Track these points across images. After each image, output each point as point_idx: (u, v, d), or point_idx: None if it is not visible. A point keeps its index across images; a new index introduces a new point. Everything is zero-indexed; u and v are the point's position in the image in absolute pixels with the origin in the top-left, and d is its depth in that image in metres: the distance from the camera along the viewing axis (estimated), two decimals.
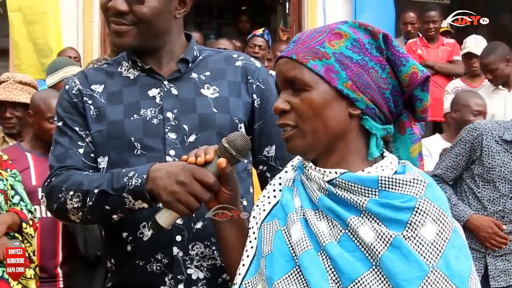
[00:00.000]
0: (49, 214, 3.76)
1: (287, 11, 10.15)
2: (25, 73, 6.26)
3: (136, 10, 2.09)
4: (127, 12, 2.09)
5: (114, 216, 1.98)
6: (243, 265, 1.74)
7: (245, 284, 1.70)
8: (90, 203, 1.97)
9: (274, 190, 1.81)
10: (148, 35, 2.13)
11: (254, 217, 1.80)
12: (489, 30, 8.16)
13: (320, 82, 1.63)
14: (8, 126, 4.63)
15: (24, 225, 3.55)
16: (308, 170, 1.69)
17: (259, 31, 7.12)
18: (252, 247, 1.75)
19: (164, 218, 1.83)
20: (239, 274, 1.73)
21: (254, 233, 1.77)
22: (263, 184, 2.28)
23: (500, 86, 5.95)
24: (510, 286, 4.17)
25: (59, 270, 4.02)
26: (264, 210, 1.78)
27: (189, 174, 1.80)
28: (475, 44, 6.43)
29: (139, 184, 1.88)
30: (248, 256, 1.75)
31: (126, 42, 2.13)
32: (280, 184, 1.81)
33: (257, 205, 1.82)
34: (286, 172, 1.82)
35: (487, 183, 4.11)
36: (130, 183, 1.90)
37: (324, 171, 1.65)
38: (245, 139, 1.81)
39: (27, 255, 3.54)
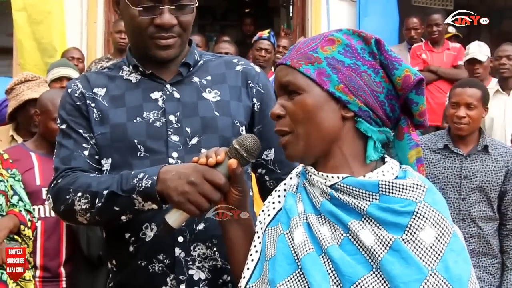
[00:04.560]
0: (52, 214, 3.80)
1: (290, 14, 10.16)
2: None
3: (183, 20, 2.12)
4: (176, 24, 2.12)
5: (123, 217, 2.00)
6: (248, 268, 1.76)
7: (249, 287, 1.72)
8: (99, 204, 1.98)
9: (279, 196, 1.84)
10: (186, 42, 2.19)
11: (259, 221, 1.82)
12: (492, 37, 8.17)
13: (312, 85, 1.67)
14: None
15: (22, 227, 3.56)
16: (310, 175, 1.71)
17: (265, 33, 7.06)
18: (256, 251, 1.77)
19: (174, 218, 1.84)
20: (244, 277, 1.75)
21: (258, 237, 1.79)
22: (262, 187, 2.31)
23: (500, 90, 5.97)
24: None
25: (62, 270, 4.01)
26: (268, 215, 1.80)
27: (200, 175, 1.81)
28: (479, 50, 6.41)
29: (149, 186, 1.89)
30: (252, 260, 1.77)
31: (172, 53, 2.16)
32: (284, 190, 1.83)
33: (262, 210, 1.84)
34: (290, 178, 1.85)
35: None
36: (140, 185, 1.91)
37: (327, 176, 1.67)
38: (255, 141, 1.84)
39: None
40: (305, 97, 1.67)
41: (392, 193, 1.61)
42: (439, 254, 1.55)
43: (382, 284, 1.54)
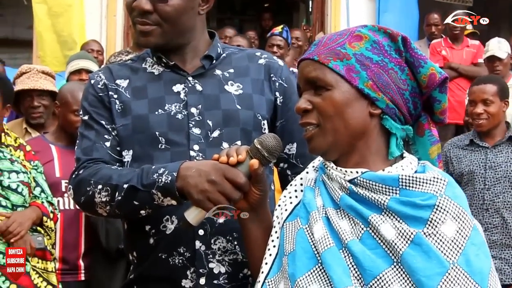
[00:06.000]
0: (72, 206, 3.83)
1: (310, 9, 10.15)
2: (48, 65, 6.34)
3: (160, 9, 2.11)
4: (152, 11, 2.11)
5: (142, 212, 2.00)
6: (266, 263, 1.76)
7: (268, 282, 1.72)
8: (119, 198, 1.99)
9: (295, 191, 1.84)
10: (172, 34, 2.15)
11: (277, 216, 1.82)
12: None
13: (341, 81, 1.66)
14: (36, 116, 4.66)
15: (45, 218, 3.60)
16: (329, 170, 1.71)
17: (278, 29, 7.03)
18: (274, 246, 1.77)
19: (193, 215, 1.84)
20: (262, 272, 1.75)
21: (276, 232, 1.79)
22: (283, 181, 2.30)
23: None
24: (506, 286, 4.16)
25: (81, 262, 4.03)
26: (286, 210, 1.80)
27: (220, 173, 1.81)
28: (498, 47, 6.38)
29: (169, 182, 1.90)
30: (270, 255, 1.77)
31: (151, 41, 2.15)
32: (301, 184, 1.83)
33: (279, 205, 1.84)
34: (307, 172, 1.85)
35: (466, 185, 4.32)
36: (160, 180, 1.91)
37: (346, 171, 1.67)
38: (277, 141, 1.82)
39: (48, 248, 3.59)
40: (334, 93, 1.66)
41: (413, 187, 1.61)
42: (460, 248, 1.55)
43: (404, 278, 1.54)
